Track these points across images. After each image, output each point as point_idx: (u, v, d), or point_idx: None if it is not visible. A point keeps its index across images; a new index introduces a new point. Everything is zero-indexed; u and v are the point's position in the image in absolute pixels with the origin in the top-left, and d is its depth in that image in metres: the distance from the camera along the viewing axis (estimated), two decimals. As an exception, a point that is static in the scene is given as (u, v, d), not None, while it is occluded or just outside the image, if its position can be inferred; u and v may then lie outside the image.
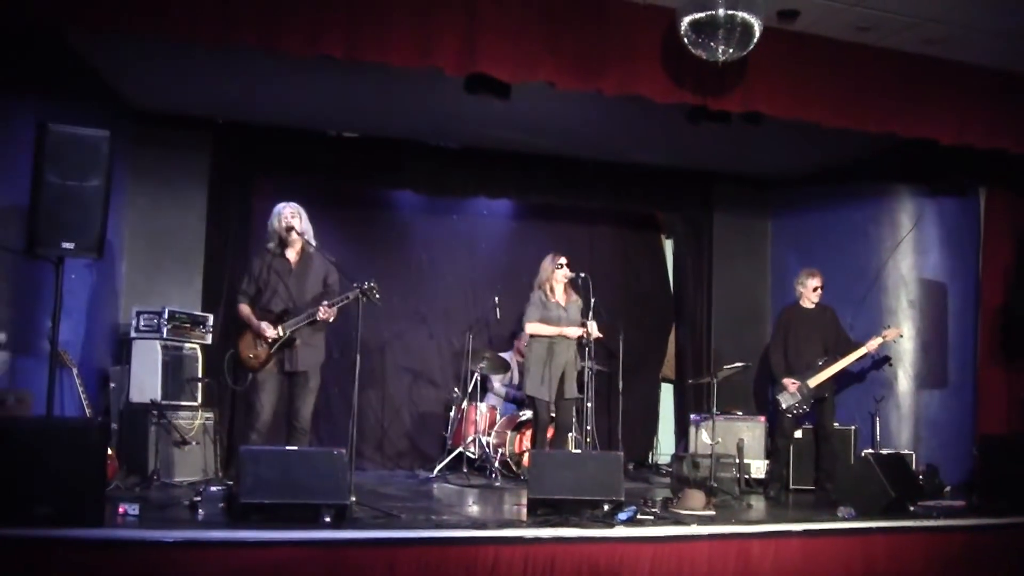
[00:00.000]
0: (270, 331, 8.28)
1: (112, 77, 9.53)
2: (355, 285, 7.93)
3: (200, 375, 9.79)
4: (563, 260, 9.70)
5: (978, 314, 11.01)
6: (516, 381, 11.68)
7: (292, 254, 8.52)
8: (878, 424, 10.75)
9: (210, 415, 9.64)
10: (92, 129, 7.40)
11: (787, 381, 9.81)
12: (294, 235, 8.42)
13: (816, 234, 12.10)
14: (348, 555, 6.36)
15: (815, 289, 10.08)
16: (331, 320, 8.38)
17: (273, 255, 8.52)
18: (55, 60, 8.55)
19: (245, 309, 8.51)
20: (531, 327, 9.65)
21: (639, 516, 7.42)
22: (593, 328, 9.52)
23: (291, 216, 8.42)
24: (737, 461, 9.60)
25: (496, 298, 11.72)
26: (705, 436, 10.30)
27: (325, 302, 8.31)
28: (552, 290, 9.65)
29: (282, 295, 8.41)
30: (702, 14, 7.34)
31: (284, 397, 8.47)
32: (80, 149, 7.26)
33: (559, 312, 9.58)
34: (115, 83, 9.67)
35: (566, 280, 9.67)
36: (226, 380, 8.76)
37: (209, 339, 9.95)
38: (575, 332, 9.55)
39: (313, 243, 8.52)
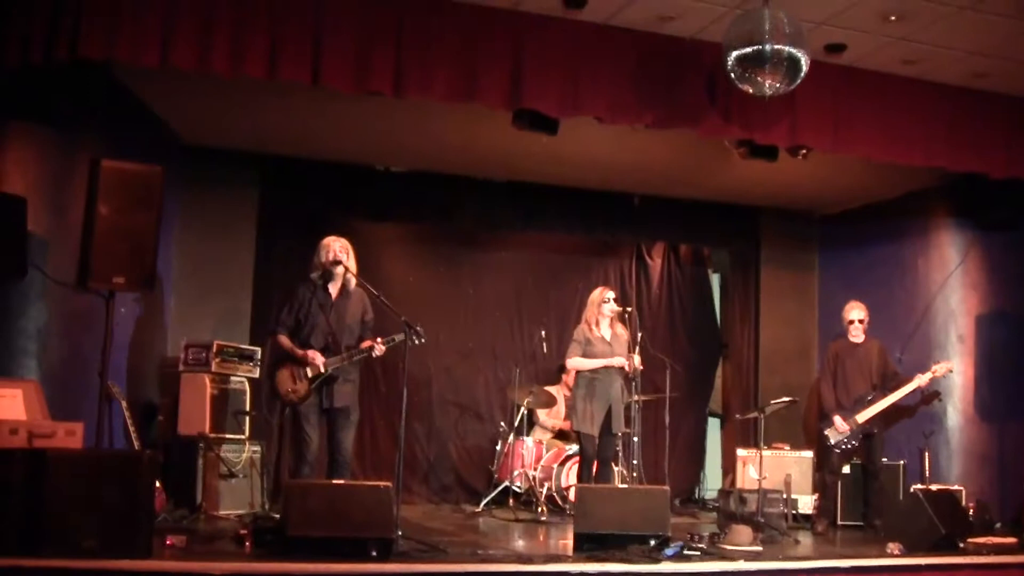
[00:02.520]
0: (319, 359, 8.21)
1: (163, 113, 9.65)
2: (403, 320, 7.88)
3: (248, 408, 9.85)
4: (611, 294, 9.60)
5: (1028, 348, 10.91)
6: (563, 415, 11.64)
7: (333, 288, 8.46)
8: (927, 460, 10.63)
9: (257, 448, 9.68)
10: (144, 164, 7.51)
11: (836, 417, 9.75)
12: (339, 269, 8.35)
13: (864, 268, 12.02)
14: (394, 589, 6.37)
15: (861, 322, 10.01)
16: (380, 355, 8.40)
17: (316, 287, 8.45)
18: (108, 97, 8.67)
19: (286, 341, 8.38)
20: (571, 362, 9.56)
21: (686, 551, 7.33)
22: (636, 361, 9.46)
23: (340, 250, 8.36)
24: (785, 496, 9.52)
25: (543, 332, 11.71)
26: (752, 471, 10.22)
27: (378, 338, 8.30)
28: (598, 323, 9.54)
29: (322, 329, 8.32)
30: (748, 49, 7.29)
31: (324, 432, 8.43)
32: (132, 184, 7.35)
33: (603, 347, 9.46)
34: (166, 119, 9.79)
35: (613, 314, 9.60)
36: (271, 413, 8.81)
37: (257, 373, 10.01)
38: (619, 361, 9.47)
39: (355, 279, 8.45)
